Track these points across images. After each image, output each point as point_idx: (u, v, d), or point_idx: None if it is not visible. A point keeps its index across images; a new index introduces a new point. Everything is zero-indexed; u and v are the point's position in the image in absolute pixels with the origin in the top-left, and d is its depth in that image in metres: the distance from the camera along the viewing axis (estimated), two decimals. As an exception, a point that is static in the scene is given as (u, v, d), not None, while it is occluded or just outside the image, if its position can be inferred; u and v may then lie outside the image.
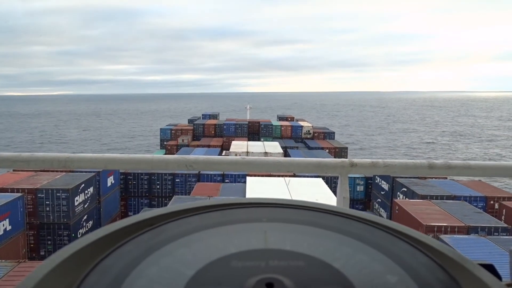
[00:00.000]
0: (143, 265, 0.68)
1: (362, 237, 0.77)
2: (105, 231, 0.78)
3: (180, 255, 0.71)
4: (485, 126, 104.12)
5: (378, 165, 2.70)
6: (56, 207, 17.66)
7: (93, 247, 0.74)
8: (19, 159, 2.58)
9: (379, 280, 0.66)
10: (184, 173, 23.20)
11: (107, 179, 21.49)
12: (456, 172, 2.75)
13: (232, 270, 0.68)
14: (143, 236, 0.77)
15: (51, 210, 17.65)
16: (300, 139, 41.24)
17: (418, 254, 0.74)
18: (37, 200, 17.58)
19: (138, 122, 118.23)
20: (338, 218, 0.84)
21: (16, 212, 16.10)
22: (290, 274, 0.67)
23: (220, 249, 0.73)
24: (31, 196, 17.53)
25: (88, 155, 2.69)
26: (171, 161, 2.72)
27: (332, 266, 0.69)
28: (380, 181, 23.24)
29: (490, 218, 15.98)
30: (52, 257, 0.69)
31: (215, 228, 0.79)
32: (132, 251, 0.73)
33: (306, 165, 2.72)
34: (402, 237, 0.78)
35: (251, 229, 0.80)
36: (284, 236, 0.77)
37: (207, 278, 0.66)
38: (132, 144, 70.73)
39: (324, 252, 0.73)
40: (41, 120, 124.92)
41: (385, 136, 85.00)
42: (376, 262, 0.69)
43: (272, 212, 0.84)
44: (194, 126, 43.77)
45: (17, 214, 16.21)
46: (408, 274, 0.68)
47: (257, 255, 0.72)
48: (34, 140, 77.37)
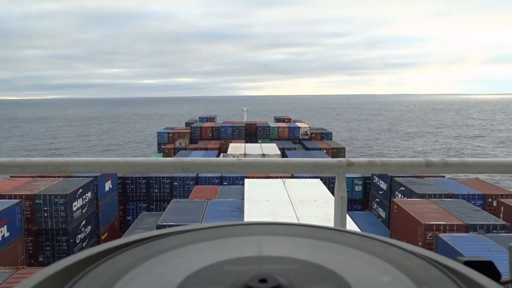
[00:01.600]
0: (135, 271, 0.68)
1: (357, 245, 0.78)
2: (101, 248, 0.79)
3: (172, 264, 0.72)
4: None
5: (376, 164, 2.69)
6: (54, 212, 17.59)
7: (91, 260, 0.74)
8: (14, 164, 2.54)
9: (373, 280, 0.66)
10: (182, 176, 23.19)
11: (105, 184, 21.43)
12: (454, 170, 2.75)
13: (225, 273, 0.68)
14: (136, 249, 0.78)
15: (49, 216, 17.57)
16: (297, 140, 41.23)
17: (404, 254, 0.75)
18: (35, 206, 17.50)
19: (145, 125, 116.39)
20: (331, 232, 0.86)
21: (14, 219, 16.03)
22: (284, 273, 0.67)
23: (212, 257, 0.74)
24: (29, 202, 17.45)
25: (84, 159, 2.67)
26: (167, 164, 2.70)
27: (326, 267, 0.70)
28: (378, 180, 23.27)
29: (488, 215, 16.01)
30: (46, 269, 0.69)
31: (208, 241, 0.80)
32: (124, 261, 0.73)
33: (303, 165, 2.70)
34: (395, 245, 0.80)
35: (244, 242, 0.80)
36: (279, 247, 0.78)
37: (199, 280, 0.66)
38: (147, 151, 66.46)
39: (319, 257, 0.74)
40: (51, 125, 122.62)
41: (417, 141, 79.72)
42: (372, 265, 0.70)
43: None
44: (191, 129, 43.71)
45: (15, 220, 16.14)
46: (397, 268, 0.69)
47: (250, 261, 0.72)
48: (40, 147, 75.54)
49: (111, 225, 21.96)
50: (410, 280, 0.66)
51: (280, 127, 44.08)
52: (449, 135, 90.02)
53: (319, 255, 0.74)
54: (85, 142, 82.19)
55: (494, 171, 2.84)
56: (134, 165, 2.71)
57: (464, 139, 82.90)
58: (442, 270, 0.68)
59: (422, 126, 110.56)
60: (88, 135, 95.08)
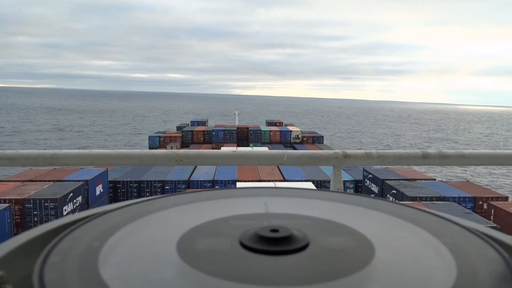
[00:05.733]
0: (129, 227, 0.65)
1: (370, 205, 0.76)
2: (94, 211, 0.77)
3: (174, 219, 0.70)
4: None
5: (372, 156, 2.63)
6: (45, 217, 17.36)
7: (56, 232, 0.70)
8: (3, 157, 2.45)
9: (394, 237, 0.65)
10: (173, 180, 23.07)
11: (96, 187, 21.26)
12: (450, 162, 2.70)
13: (231, 226, 0.66)
14: (132, 207, 0.75)
15: (39, 220, 17.34)
16: (289, 143, 41.40)
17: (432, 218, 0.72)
18: (25, 211, 17.29)
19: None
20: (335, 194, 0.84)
21: (3, 223, 15.80)
22: (295, 226, 0.65)
23: (215, 213, 0.71)
24: (19, 206, 17.23)
25: (75, 151, 2.58)
26: (160, 156, 2.61)
27: (338, 222, 0.68)
28: (369, 183, 23.36)
29: (479, 218, 16.10)
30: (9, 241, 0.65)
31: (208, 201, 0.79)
32: (121, 216, 0.71)
33: (299, 157, 2.66)
34: (412, 207, 0.78)
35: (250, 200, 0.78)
36: (286, 206, 0.76)
37: (204, 232, 0.64)
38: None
39: (330, 214, 0.72)
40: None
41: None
42: (387, 222, 0.69)
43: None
44: (183, 133, 43.62)
45: (4, 225, 15.91)
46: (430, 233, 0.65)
47: (257, 217, 0.70)
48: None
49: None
50: (432, 235, 0.64)
51: (272, 131, 44.17)
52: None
53: (330, 213, 0.72)
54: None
55: (491, 163, 2.81)
56: (126, 157, 2.61)
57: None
58: (479, 236, 0.65)
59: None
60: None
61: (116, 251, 0.59)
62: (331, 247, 0.60)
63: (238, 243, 0.60)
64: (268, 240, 0.59)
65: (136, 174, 23.64)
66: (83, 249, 0.59)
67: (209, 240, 0.61)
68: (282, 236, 0.59)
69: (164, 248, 0.60)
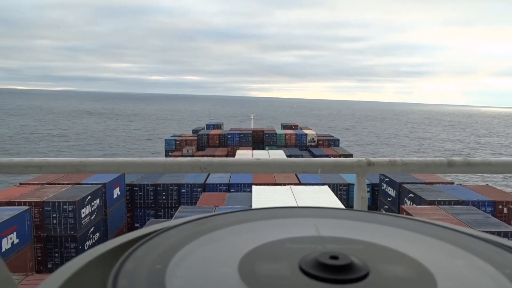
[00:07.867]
0: (188, 247, 0.66)
1: (422, 231, 0.74)
2: (119, 241, 0.78)
3: (229, 240, 0.70)
4: None
5: (396, 164, 2.59)
6: (63, 219, 17.65)
7: (112, 253, 0.73)
8: (31, 164, 2.52)
9: (453, 268, 0.63)
10: (189, 183, 23.20)
11: (113, 190, 21.50)
12: (476, 170, 2.64)
13: (288, 250, 0.65)
14: (187, 225, 0.76)
15: (58, 223, 17.64)
16: (304, 147, 41.20)
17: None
18: (44, 213, 17.57)
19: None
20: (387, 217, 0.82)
21: (23, 225, 16.10)
22: (352, 252, 0.63)
23: (269, 235, 0.70)
24: (38, 209, 17.53)
25: (101, 159, 2.64)
26: (184, 164, 2.62)
27: (395, 249, 0.66)
28: (386, 187, 23.12)
29: (499, 223, 15.82)
30: (65, 266, 0.67)
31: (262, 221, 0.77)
32: (179, 235, 0.71)
33: (322, 165, 2.63)
34: (467, 232, 0.74)
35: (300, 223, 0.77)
36: (336, 229, 0.75)
37: (262, 255, 0.64)
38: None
39: (384, 240, 0.70)
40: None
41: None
42: (449, 254, 0.66)
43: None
44: (199, 137, 43.82)
45: (24, 227, 16.21)
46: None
47: (311, 240, 0.69)
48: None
49: (119, 232, 21.98)
50: (491, 266, 0.62)
51: (287, 134, 44.05)
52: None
53: (382, 237, 0.70)
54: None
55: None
56: (152, 165, 2.66)
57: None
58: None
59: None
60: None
61: (180, 273, 0.60)
62: (392, 276, 0.59)
63: (298, 269, 0.60)
64: (329, 268, 0.59)
65: (152, 177, 23.83)
66: (146, 273, 0.60)
67: (269, 264, 0.61)
68: (343, 264, 0.59)
69: (226, 272, 0.60)
